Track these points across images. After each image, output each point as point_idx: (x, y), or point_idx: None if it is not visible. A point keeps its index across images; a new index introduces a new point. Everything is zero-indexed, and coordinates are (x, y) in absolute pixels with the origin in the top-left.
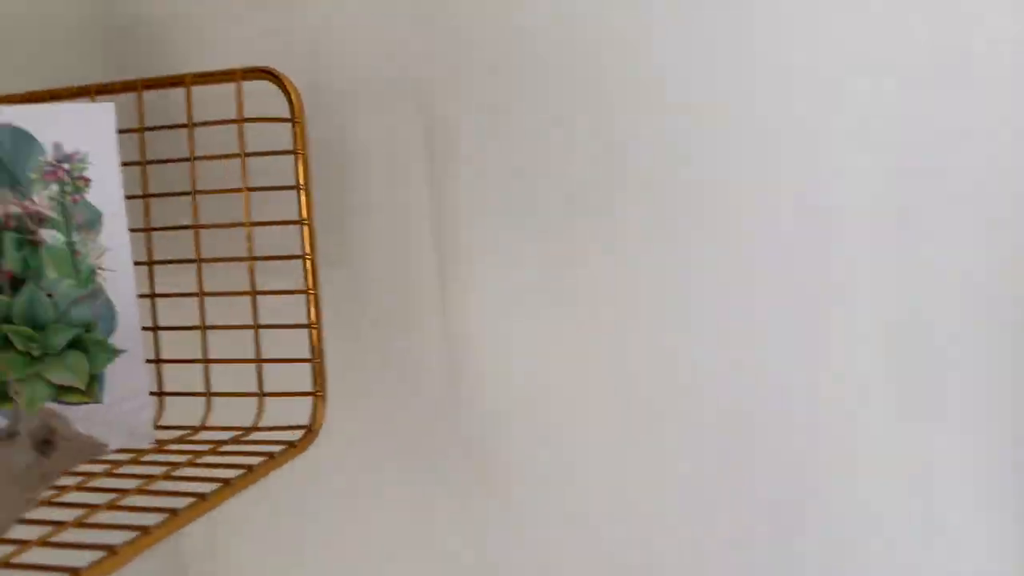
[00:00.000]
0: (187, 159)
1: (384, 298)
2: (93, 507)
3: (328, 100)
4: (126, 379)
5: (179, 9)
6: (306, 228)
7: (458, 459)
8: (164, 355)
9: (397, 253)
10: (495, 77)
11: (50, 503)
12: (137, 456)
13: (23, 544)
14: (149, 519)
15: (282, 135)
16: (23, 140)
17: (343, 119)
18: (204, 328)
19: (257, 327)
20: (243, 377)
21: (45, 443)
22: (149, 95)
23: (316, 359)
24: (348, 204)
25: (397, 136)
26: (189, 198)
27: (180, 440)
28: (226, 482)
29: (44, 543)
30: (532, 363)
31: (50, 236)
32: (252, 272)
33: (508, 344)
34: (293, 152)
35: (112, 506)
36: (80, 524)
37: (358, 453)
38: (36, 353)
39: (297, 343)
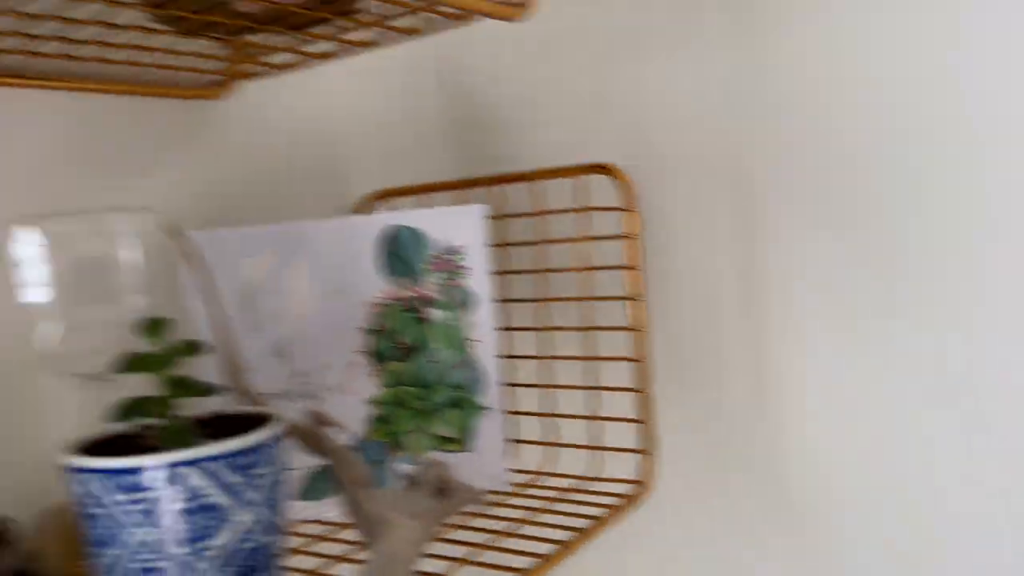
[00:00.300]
0: (536, 243)
1: (697, 362)
2: (476, 545)
3: (646, 176)
4: (489, 432)
5: (522, 113)
6: (638, 304)
7: (779, 524)
8: (515, 408)
9: (711, 318)
10: (812, 162)
11: (442, 540)
12: (499, 500)
13: None
14: (519, 560)
15: (613, 218)
16: (417, 238)
17: (658, 193)
18: (548, 387)
19: (594, 388)
20: (581, 431)
21: (440, 490)
22: (499, 190)
23: (647, 420)
24: (658, 271)
25: (708, 210)
26: (536, 276)
27: (530, 485)
28: (580, 531)
29: None
30: (855, 423)
31: (435, 315)
32: (590, 340)
33: (828, 406)
34: (626, 237)
35: (490, 546)
36: (467, 561)
37: (675, 510)
38: (424, 410)
39: (626, 402)
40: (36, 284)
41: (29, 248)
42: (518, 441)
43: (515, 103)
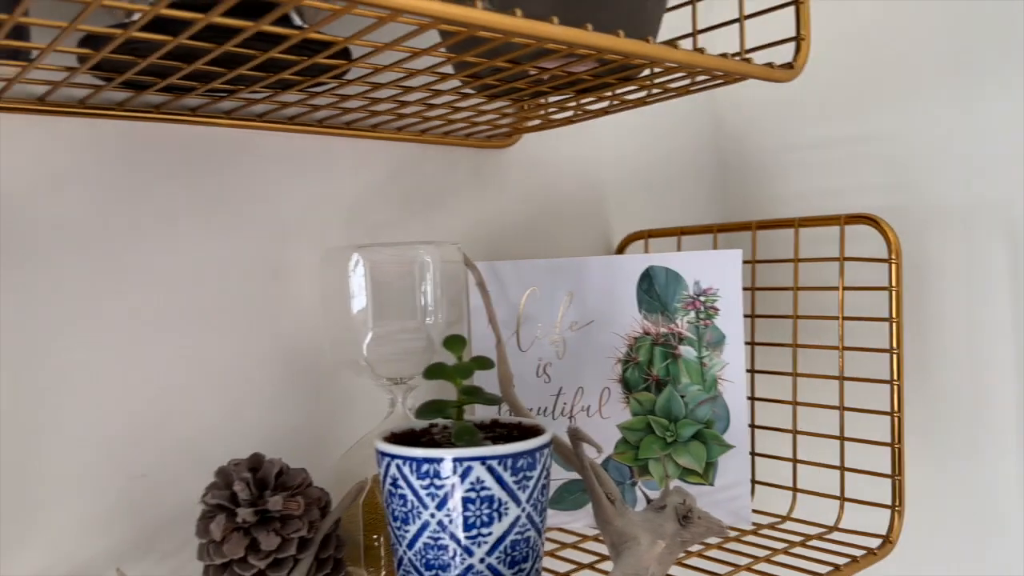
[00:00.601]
0: (792, 288)
1: (955, 415)
2: (715, 575)
3: (908, 223)
4: (734, 469)
5: (780, 159)
6: (895, 356)
7: None
8: (759, 449)
9: (976, 373)
10: None
11: (680, 564)
12: (739, 536)
13: None
14: None
15: (871, 270)
16: (673, 278)
17: (922, 237)
18: (795, 432)
19: (843, 439)
20: (824, 478)
21: (685, 517)
22: (761, 233)
23: (897, 475)
24: (917, 322)
25: (977, 257)
26: (791, 321)
27: (771, 527)
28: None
29: None
30: None
31: (686, 351)
32: (842, 389)
33: None
34: (889, 288)
35: None
36: None
37: (917, 566)
38: (669, 440)
39: (876, 454)
40: (359, 300)
41: (356, 269)
42: (763, 483)
43: (777, 148)
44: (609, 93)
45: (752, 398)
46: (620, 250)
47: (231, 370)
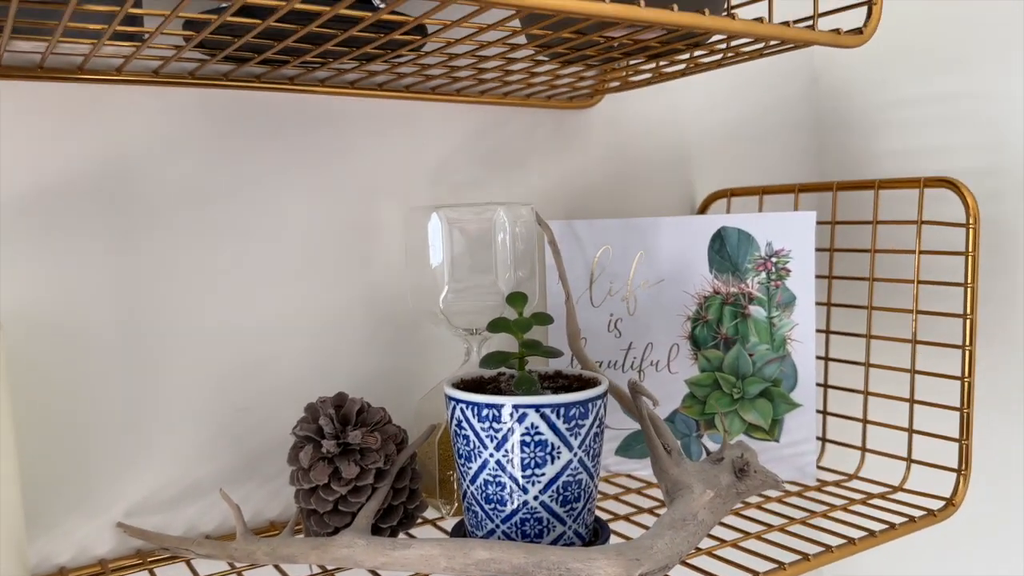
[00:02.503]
0: (868, 250)
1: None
2: (768, 526)
3: (996, 185)
4: (800, 426)
5: (876, 117)
6: (968, 322)
7: None
8: (831, 409)
9: None
10: None
11: (736, 514)
12: (802, 491)
13: (720, 542)
14: (806, 546)
15: (953, 233)
16: (745, 239)
17: (1011, 201)
18: (867, 393)
19: (912, 401)
20: (894, 439)
21: (741, 470)
22: (843, 193)
23: (965, 439)
24: (1008, 287)
25: None
26: (867, 283)
27: (836, 484)
28: (871, 533)
29: (734, 545)
30: None
31: (756, 311)
32: (914, 352)
33: None
34: (964, 253)
35: (782, 529)
36: (759, 537)
37: (985, 527)
38: (736, 396)
39: (946, 418)
40: (437, 256)
41: (436, 228)
42: (830, 441)
43: (874, 106)
44: (684, 57)
45: (826, 358)
46: (703, 209)
47: (323, 318)
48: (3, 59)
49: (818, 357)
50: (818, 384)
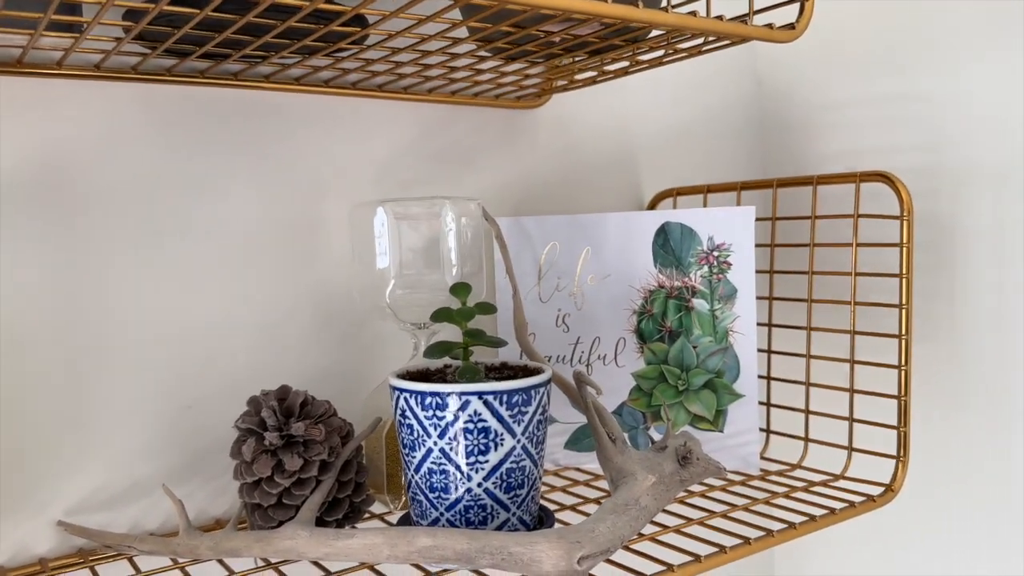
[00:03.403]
0: (808, 244)
1: (979, 375)
2: (711, 512)
3: (935, 183)
4: (743, 417)
5: (818, 117)
6: (904, 311)
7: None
8: (773, 400)
9: (1001, 334)
10: None
11: (681, 502)
12: (745, 480)
13: (663, 527)
14: (748, 531)
15: (889, 226)
16: (687, 234)
17: (949, 199)
18: (808, 384)
19: (852, 391)
20: (835, 429)
21: (684, 458)
22: (784, 190)
23: (903, 427)
24: (947, 282)
25: (1007, 218)
26: (806, 276)
27: (779, 474)
28: (812, 518)
29: (677, 531)
30: None
31: (699, 304)
32: (853, 342)
33: None
34: (899, 245)
35: (724, 515)
36: (701, 523)
37: (925, 513)
38: (681, 388)
39: (885, 406)
40: (384, 251)
41: (382, 222)
42: (772, 432)
43: (817, 105)
44: (626, 54)
45: (768, 351)
46: (651, 207)
47: (271, 314)
48: None
49: (760, 350)
50: (761, 376)
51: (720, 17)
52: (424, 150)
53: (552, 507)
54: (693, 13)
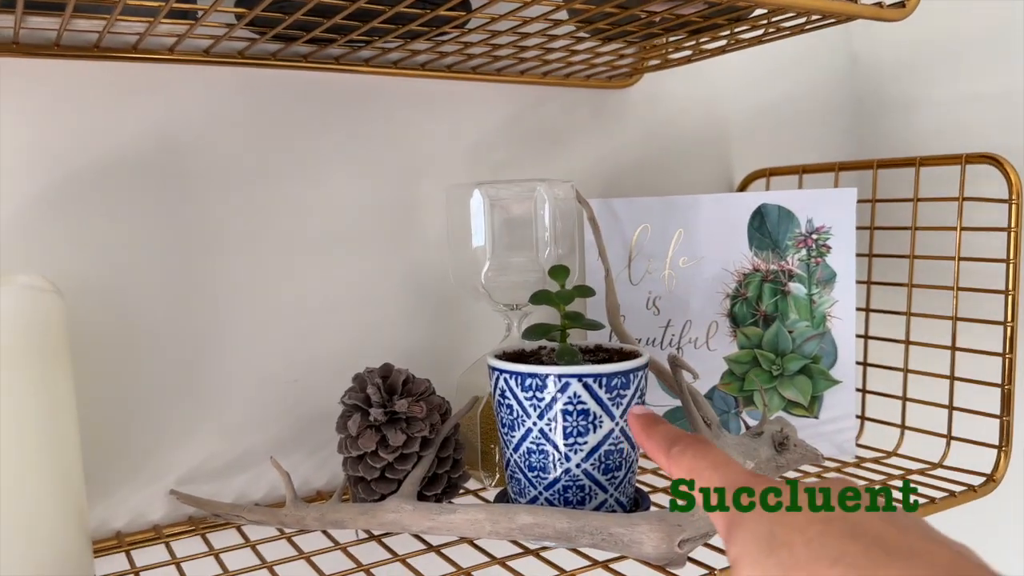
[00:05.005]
0: (909, 228)
1: None
2: None
3: None
4: (839, 403)
5: (918, 96)
6: (1010, 298)
7: None
8: (870, 387)
9: None
10: None
11: None
12: (840, 467)
13: None
14: None
15: (996, 210)
16: (785, 216)
17: None
18: (906, 371)
19: (953, 378)
20: (933, 417)
21: (781, 444)
22: (884, 172)
23: (1006, 416)
24: None
25: None
26: (907, 260)
27: (875, 461)
28: (913, 505)
29: None
30: None
31: (796, 288)
32: (955, 329)
33: None
34: (1007, 229)
35: None
36: None
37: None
38: (775, 373)
39: (987, 395)
40: (479, 232)
41: (477, 204)
42: (869, 419)
43: (903, 90)
44: (725, 33)
45: (866, 336)
46: (742, 188)
47: (369, 293)
48: (63, 38)
49: (858, 336)
50: (857, 363)
51: None
52: (516, 131)
53: (645, 490)
54: None
